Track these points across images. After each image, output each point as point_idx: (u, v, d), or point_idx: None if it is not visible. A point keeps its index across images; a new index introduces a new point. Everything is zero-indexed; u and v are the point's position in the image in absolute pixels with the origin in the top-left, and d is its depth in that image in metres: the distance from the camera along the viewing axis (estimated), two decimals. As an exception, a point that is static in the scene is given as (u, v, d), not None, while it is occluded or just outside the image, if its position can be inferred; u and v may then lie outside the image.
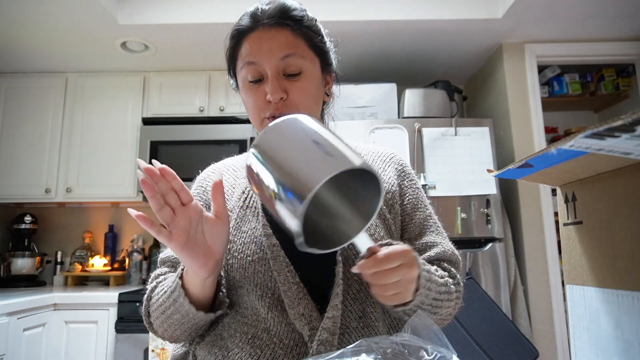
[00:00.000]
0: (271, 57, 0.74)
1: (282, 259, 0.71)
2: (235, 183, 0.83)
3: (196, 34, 2.34)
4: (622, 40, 2.54)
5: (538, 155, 0.40)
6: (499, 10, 2.26)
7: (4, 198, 2.63)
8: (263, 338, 0.70)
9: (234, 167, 0.88)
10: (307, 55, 0.77)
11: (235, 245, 0.74)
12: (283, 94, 0.74)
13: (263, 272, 0.71)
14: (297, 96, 0.75)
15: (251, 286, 0.71)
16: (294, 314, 0.68)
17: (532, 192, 2.39)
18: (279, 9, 0.77)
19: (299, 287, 0.69)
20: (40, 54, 2.55)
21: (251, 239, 0.74)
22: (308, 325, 0.68)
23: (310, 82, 0.76)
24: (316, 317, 0.68)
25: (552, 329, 2.26)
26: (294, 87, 0.75)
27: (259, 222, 0.75)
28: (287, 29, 0.76)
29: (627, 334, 0.40)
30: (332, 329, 0.67)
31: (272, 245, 0.72)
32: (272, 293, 0.70)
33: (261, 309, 0.71)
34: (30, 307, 2.00)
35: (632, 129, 0.28)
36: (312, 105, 0.78)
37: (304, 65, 0.76)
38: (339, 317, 0.68)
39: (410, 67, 2.83)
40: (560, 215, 0.52)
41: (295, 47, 0.75)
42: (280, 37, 0.75)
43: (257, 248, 0.73)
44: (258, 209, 0.77)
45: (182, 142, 2.58)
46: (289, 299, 0.68)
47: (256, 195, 0.72)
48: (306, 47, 0.77)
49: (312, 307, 0.69)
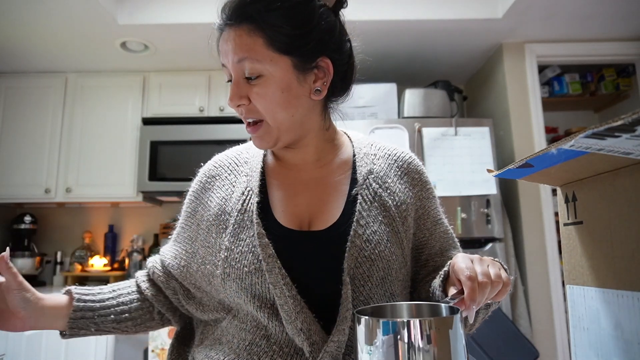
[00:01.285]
0: (229, 61, 0.69)
1: (278, 271, 0.66)
2: (235, 181, 0.77)
3: (196, 34, 2.34)
4: (622, 40, 2.54)
5: (538, 155, 0.40)
6: (499, 10, 2.26)
7: (4, 198, 2.63)
8: (262, 345, 0.68)
9: (237, 161, 0.81)
10: (265, 57, 0.67)
11: (233, 254, 0.70)
12: (241, 101, 0.69)
13: (261, 284, 0.67)
14: (257, 103, 0.68)
15: (249, 297, 0.68)
16: (292, 329, 0.65)
17: (532, 192, 2.39)
18: (235, 3, 0.69)
19: (295, 300, 0.65)
20: (40, 54, 2.55)
21: (249, 249, 0.69)
22: (308, 340, 0.64)
23: (270, 86, 0.67)
24: (316, 331, 0.65)
25: (552, 329, 2.26)
26: (252, 93, 0.68)
27: (255, 230, 0.69)
28: (243, 28, 0.67)
29: (627, 334, 0.39)
30: (335, 354, 0.64)
31: (267, 257, 0.67)
32: (272, 304, 0.67)
33: (261, 318, 0.68)
34: (30, 307, 2.00)
35: (632, 129, 0.28)
36: (278, 110, 0.69)
37: (262, 68, 0.67)
38: (344, 342, 0.65)
39: (410, 67, 2.83)
40: (560, 215, 0.52)
41: (248, 50, 0.66)
42: (234, 38, 0.68)
43: (254, 258, 0.68)
44: (254, 214, 0.71)
45: (182, 142, 2.58)
46: (285, 314, 0.65)
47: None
48: (264, 48, 0.67)
49: (311, 321, 0.66)
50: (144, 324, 0.79)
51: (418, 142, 2.25)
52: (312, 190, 0.76)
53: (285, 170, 0.79)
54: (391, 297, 0.71)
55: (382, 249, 0.70)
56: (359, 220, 0.70)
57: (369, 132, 2.25)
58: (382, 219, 0.73)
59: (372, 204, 0.73)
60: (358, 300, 0.68)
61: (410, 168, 0.81)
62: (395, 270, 0.71)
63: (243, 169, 0.79)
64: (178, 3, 2.26)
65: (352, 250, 0.68)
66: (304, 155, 0.77)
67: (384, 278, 0.69)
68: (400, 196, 0.76)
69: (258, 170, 0.77)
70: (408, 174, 0.80)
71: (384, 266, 0.69)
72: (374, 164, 0.78)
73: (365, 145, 0.82)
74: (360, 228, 0.70)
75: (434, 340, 0.42)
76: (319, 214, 0.73)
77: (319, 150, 0.78)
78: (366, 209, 0.72)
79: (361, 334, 0.45)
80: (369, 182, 0.75)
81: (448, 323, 0.44)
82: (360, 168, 0.77)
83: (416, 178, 0.81)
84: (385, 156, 0.81)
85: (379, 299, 0.69)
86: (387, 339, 0.43)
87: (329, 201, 0.75)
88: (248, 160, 0.80)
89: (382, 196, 0.74)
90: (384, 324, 0.44)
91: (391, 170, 0.79)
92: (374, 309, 0.53)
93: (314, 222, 0.73)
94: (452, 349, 0.43)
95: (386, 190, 0.75)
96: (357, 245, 0.69)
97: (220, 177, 0.80)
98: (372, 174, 0.76)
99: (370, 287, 0.68)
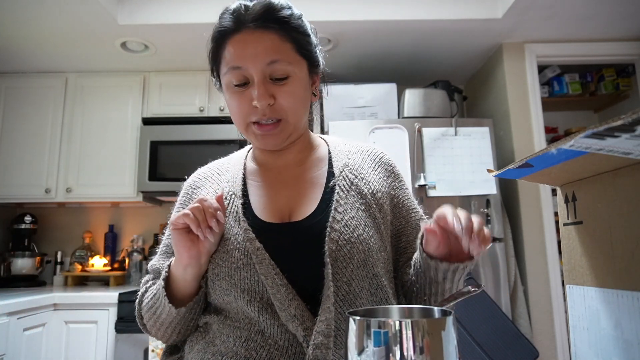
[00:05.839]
0: (257, 62, 0.71)
1: (268, 262, 0.70)
2: (218, 188, 0.82)
3: (196, 34, 2.34)
4: (622, 40, 2.54)
5: (538, 155, 0.40)
6: (499, 10, 2.26)
7: (4, 198, 2.63)
8: (257, 340, 0.69)
9: (219, 171, 0.86)
10: (294, 60, 0.73)
11: (219, 253, 0.73)
12: (270, 100, 0.71)
13: (249, 278, 0.70)
14: (285, 101, 0.72)
15: (238, 292, 0.70)
16: (286, 316, 0.68)
17: (532, 192, 2.39)
18: (264, 9, 0.72)
19: (287, 288, 0.68)
20: (40, 54, 2.55)
21: (234, 246, 0.72)
22: (301, 325, 0.67)
23: (297, 86, 0.74)
24: (308, 317, 0.68)
25: (552, 329, 2.26)
26: (281, 92, 0.72)
27: (241, 227, 0.73)
28: (273, 32, 0.72)
29: (627, 334, 0.39)
30: (326, 332, 0.66)
31: (256, 250, 0.71)
32: (261, 297, 0.70)
33: (252, 313, 0.70)
34: (30, 307, 2.00)
35: (632, 128, 0.28)
36: (300, 109, 0.76)
37: (291, 70, 0.73)
38: (332, 319, 0.67)
39: (410, 67, 2.83)
40: (560, 215, 0.52)
41: (281, 53, 0.72)
42: (265, 41, 0.71)
43: (240, 254, 0.71)
44: (239, 214, 0.75)
45: (182, 142, 2.58)
46: (278, 302, 0.68)
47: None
48: (292, 52, 0.73)
49: (303, 308, 0.68)
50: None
51: (418, 142, 2.25)
52: (290, 187, 0.80)
53: (264, 171, 0.83)
54: (373, 278, 0.74)
55: (360, 232, 0.73)
56: (337, 208, 0.75)
57: (369, 132, 2.25)
58: (359, 205, 0.77)
59: (348, 192, 0.78)
60: (341, 281, 0.70)
61: (382, 161, 0.87)
62: (375, 252, 0.74)
63: (225, 177, 0.84)
64: (178, 3, 2.26)
65: (332, 234, 0.72)
66: (287, 156, 0.83)
67: (365, 260, 0.73)
68: (375, 185, 0.81)
69: (240, 176, 0.82)
70: (381, 166, 0.86)
71: (364, 248, 0.73)
72: (349, 159, 0.84)
73: (339, 144, 0.88)
74: (339, 215, 0.74)
75: (427, 342, 0.42)
76: (297, 207, 0.77)
77: (300, 151, 0.84)
78: (343, 197, 0.76)
79: (353, 335, 0.45)
80: (345, 173, 0.80)
81: (441, 325, 0.44)
82: (336, 162, 0.82)
83: (389, 170, 0.86)
84: (358, 152, 0.87)
85: (361, 280, 0.72)
86: (378, 341, 0.43)
87: (307, 194, 0.79)
88: (229, 169, 0.85)
89: (358, 185, 0.79)
90: (375, 325, 0.44)
91: (365, 163, 0.84)
92: (366, 312, 0.53)
93: (294, 214, 0.77)
94: (444, 351, 0.43)
95: (362, 180, 0.81)
96: (337, 229, 0.72)
97: (204, 187, 0.84)
98: (348, 167, 0.82)
99: (352, 269, 0.71)
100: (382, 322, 0.44)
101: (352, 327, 0.45)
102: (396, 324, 0.43)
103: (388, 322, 0.43)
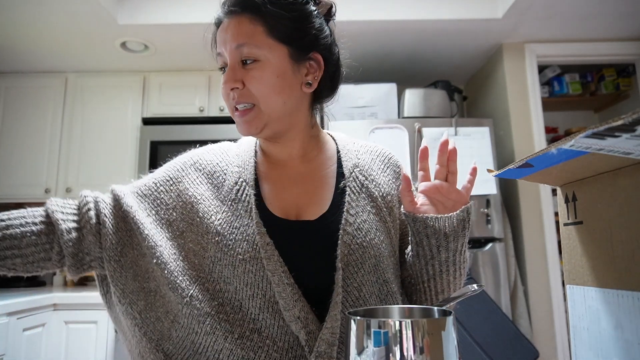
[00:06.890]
0: (227, 46, 0.72)
1: (277, 258, 0.68)
2: (227, 170, 0.79)
3: (196, 34, 2.34)
4: (622, 40, 2.54)
5: (538, 155, 0.40)
6: (499, 10, 2.26)
7: (4, 198, 2.63)
8: (254, 339, 0.67)
9: (228, 152, 0.83)
10: (264, 44, 0.70)
11: (226, 239, 0.70)
12: (236, 84, 0.70)
13: (254, 272, 0.68)
14: (252, 85, 0.70)
15: (240, 285, 0.68)
16: (290, 317, 0.66)
17: (532, 192, 2.39)
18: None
19: (293, 288, 0.67)
20: (40, 54, 2.55)
21: (243, 237, 0.70)
22: (305, 329, 0.66)
23: (268, 71, 0.70)
24: (312, 320, 0.67)
25: (552, 329, 2.26)
26: (248, 77, 0.70)
27: (252, 219, 0.71)
28: (246, 17, 0.71)
29: (628, 334, 0.39)
30: (330, 340, 0.65)
31: (265, 244, 0.68)
32: (264, 294, 0.68)
33: (252, 309, 0.68)
34: (30, 307, 2.00)
35: (632, 128, 0.28)
36: (272, 95, 0.71)
37: (260, 54, 0.70)
38: (337, 327, 0.66)
39: (410, 67, 2.82)
40: (560, 215, 0.52)
41: (249, 37, 0.70)
42: (235, 25, 0.71)
43: (248, 247, 0.69)
44: (251, 205, 0.72)
45: (182, 142, 2.58)
46: (283, 301, 0.66)
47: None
48: (263, 36, 0.70)
49: (308, 310, 0.67)
50: (37, 264, 0.70)
51: (418, 142, 2.25)
52: (299, 185, 0.78)
53: (272, 165, 0.81)
54: (384, 284, 0.73)
55: (372, 237, 0.72)
56: (349, 210, 0.73)
57: (369, 132, 2.25)
58: (370, 208, 0.76)
59: (359, 194, 0.76)
60: (352, 287, 0.69)
61: (391, 162, 0.86)
62: (386, 257, 0.73)
63: (234, 161, 0.80)
64: (178, 3, 2.26)
65: (344, 238, 0.70)
66: (290, 150, 0.79)
67: (376, 265, 0.72)
68: (385, 188, 0.80)
69: (251, 164, 0.79)
70: (390, 167, 0.85)
71: (375, 253, 0.72)
72: (359, 159, 0.82)
73: (347, 143, 0.86)
74: (351, 217, 0.73)
75: (427, 342, 0.42)
76: (307, 206, 0.75)
77: (305, 145, 0.80)
78: (354, 199, 0.75)
79: (353, 335, 0.45)
80: (355, 174, 0.79)
81: (441, 325, 0.44)
82: (345, 162, 0.80)
83: (397, 172, 0.85)
84: (367, 152, 0.85)
85: (371, 286, 0.71)
86: (378, 341, 0.43)
87: (317, 193, 0.77)
88: (239, 154, 0.82)
89: (368, 187, 0.78)
90: (375, 325, 0.44)
91: (374, 164, 0.83)
92: (366, 311, 0.53)
93: (303, 214, 0.74)
94: (444, 351, 0.43)
95: (372, 182, 0.79)
96: (349, 232, 0.71)
97: (212, 162, 0.81)
98: (358, 167, 0.80)
99: (363, 274, 0.70)
100: (382, 322, 0.44)
101: (352, 327, 0.46)
102: (396, 324, 0.43)
103: (388, 322, 0.43)
